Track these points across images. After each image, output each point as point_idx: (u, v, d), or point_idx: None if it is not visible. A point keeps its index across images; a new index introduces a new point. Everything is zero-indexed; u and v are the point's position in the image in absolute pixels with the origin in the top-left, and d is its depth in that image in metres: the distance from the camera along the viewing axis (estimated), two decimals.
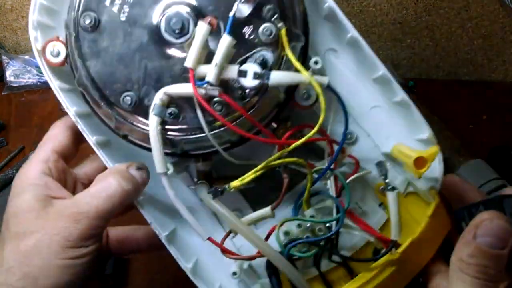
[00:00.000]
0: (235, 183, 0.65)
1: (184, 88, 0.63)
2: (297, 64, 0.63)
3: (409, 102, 0.70)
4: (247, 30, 0.64)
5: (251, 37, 0.64)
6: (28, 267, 0.62)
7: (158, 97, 0.63)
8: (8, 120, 1.33)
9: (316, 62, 0.70)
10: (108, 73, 0.66)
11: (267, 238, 0.68)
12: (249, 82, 0.63)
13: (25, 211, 0.65)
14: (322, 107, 0.62)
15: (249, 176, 0.65)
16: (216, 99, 0.63)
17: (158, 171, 0.64)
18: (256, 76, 0.62)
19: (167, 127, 0.65)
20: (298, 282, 0.67)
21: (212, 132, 0.65)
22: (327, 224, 0.69)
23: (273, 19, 0.64)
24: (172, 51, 0.66)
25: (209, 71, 0.62)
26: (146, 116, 0.65)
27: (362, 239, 0.73)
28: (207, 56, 0.63)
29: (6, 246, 0.64)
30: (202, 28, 0.62)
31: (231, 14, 0.62)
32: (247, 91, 0.64)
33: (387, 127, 0.75)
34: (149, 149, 0.66)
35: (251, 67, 0.63)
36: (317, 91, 0.62)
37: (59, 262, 0.62)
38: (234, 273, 0.73)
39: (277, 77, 0.63)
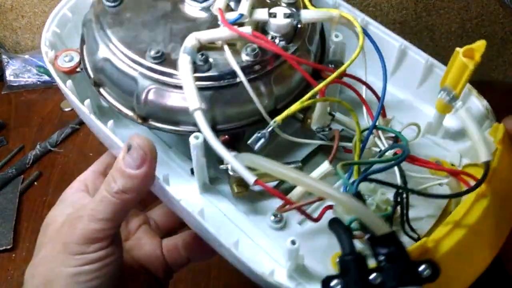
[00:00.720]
0: (281, 116, 0.60)
1: (216, 32, 0.62)
2: (324, 9, 0.65)
3: (432, 62, 0.73)
4: None
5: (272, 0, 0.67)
6: (37, 279, 0.61)
7: (189, 41, 0.61)
8: (8, 119, 1.32)
9: (336, 36, 0.70)
10: (132, 37, 0.65)
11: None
12: (280, 21, 0.63)
13: (48, 224, 0.66)
14: (359, 29, 0.62)
15: (295, 106, 0.60)
16: (248, 47, 0.62)
17: (192, 108, 0.58)
18: (287, 15, 0.63)
19: (196, 75, 0.61)
20: (372, 221, 0.52)
21: (249, 78, 0.61)
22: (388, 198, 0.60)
23: None
24: (197, 14, 0.67)
25: (242, 5, 0.62)
26: (174, 68, 0.62)
27: (435, 207, 0.65)
28: None
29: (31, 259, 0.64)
30: None
31: None
32: (278, 37, 0.64)
33: (421, 112, 0.75)
34: (174, 131, 0.65)
35: (280, 9, 0.63)
36: (350, 19, 0.63)
37: (65, 271, 0.59)
38: (293, 242, 0.56)
39: (308, 14, 0.64)
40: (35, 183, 1.18)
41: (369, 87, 0.67)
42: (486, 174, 0.57)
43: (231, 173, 0.64)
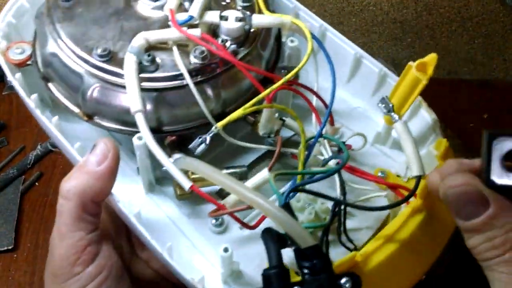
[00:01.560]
0: (222, 122, 0.58)
1: (164, 33, 0.62)
2: (278, 15, 0.64)
3: (386, 72, 0.72)
4: None
5: (228, 2, 0.68)
6: None
7: (136, 41, 0.61)
8: (9, 120, 1.31)
9: (291, 41, 0.71)
10: (81, 33, 0.64)
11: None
12: (231, 24, 0.62)
13: None
14: (308, 37, 0.61)
15: (238, 113, 0.58)
16: (196, 50, 0.62)
17: (134, 110, 0.58)
18: (238, 19, 0.62)
19: (142, 75, 0.60)
20: (296, 233, 0.48)
21: (196, 80, 0.61)
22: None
23: None
24: (150, 13, 0.66)
25: (193, 6, 0.62)
26: (121, 67, 0.61)
27: (374, 219, 0.65)
28: None
29: None
30: None
31: None
32: (230, 41, 0.64)
33: (374, 121, 0.74)
34: (119, 130, 0.64)
35: (232, 13, 0.63)
36: (300, 27, 0.62)
37: None
38: (226, 250, 0.57)
39: (259, 19, 0.63)
40: (36, 183, 1.18)
41: (317, 96, 0.66)
42: (416, 188, 0.56)
43: None
